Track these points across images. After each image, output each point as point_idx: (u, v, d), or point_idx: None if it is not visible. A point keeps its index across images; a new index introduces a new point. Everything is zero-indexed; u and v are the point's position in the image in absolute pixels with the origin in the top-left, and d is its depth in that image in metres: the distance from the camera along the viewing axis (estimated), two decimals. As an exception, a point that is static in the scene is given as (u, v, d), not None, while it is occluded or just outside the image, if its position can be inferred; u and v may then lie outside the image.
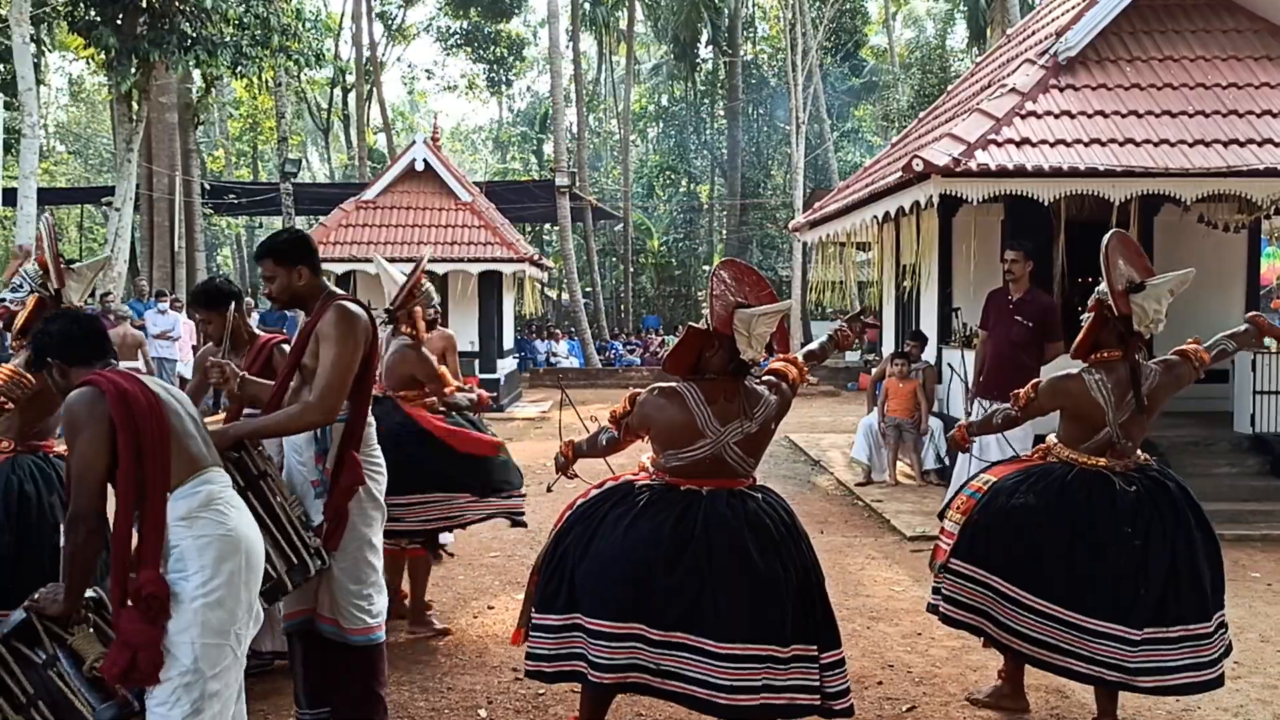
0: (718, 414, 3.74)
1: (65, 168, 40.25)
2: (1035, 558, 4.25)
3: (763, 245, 35.29)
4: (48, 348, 3.36)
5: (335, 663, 4.16)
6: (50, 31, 20.44)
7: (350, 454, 4.01)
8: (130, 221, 19.56)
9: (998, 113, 8.84)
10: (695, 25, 36.14)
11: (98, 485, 3.12)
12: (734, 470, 3.80)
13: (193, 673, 3.12)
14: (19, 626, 3.27)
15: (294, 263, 4.00)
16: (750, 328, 3.68)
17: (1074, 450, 4.42)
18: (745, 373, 3.83)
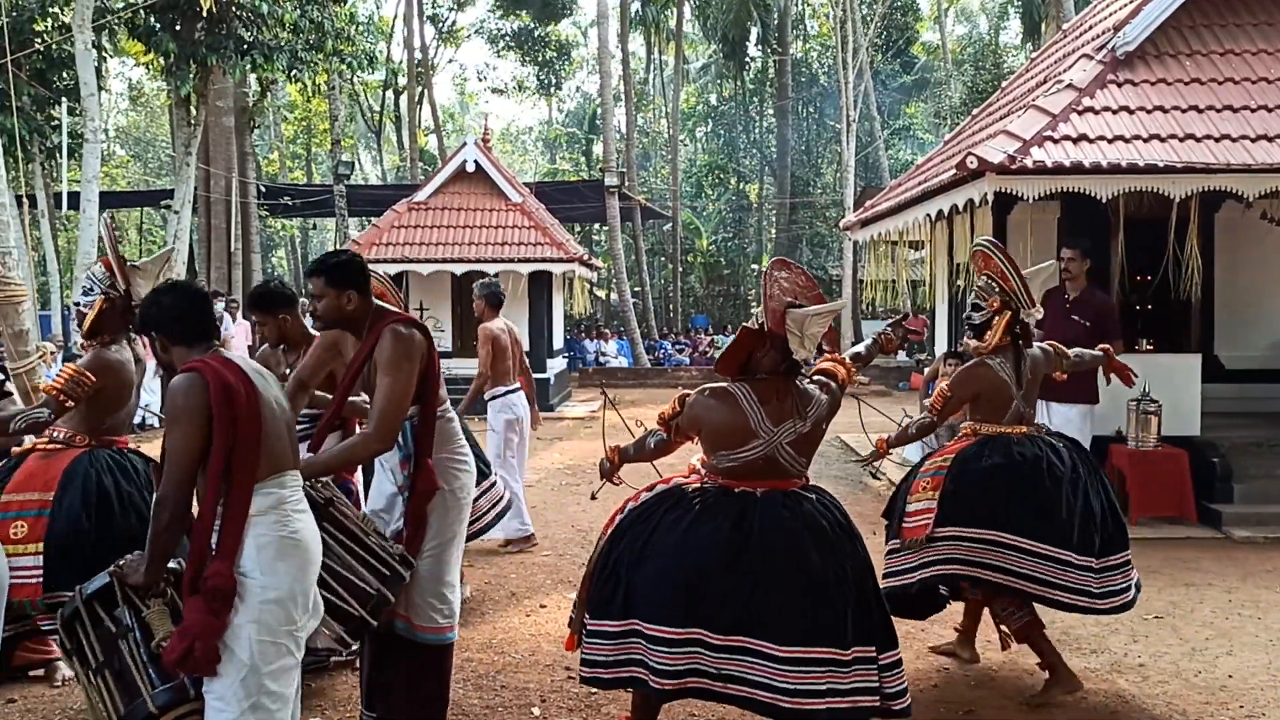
0: (770, 414, 3.74)
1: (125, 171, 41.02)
2: (1016, 505, 4.69)
3: (812, 244, 35.10)
4: (154, 320, 3.39)
5: (403, 661, 4.19)
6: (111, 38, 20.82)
7: (424, 460, 4.07)
8: (189, 224, 19.90)
9: (1054, 109, 8.71)
10: (744, 24, 36.01)
11: (189, 472, 3.15)
12: (787, 471, 3.79)
13: (250, 669, 3.16)
14: (101, 589, 3.35)
15: (343, 286, 4.02)
16: (803, 328, 3.68)
17: (996, 425, 4.95)
18: (797, 372, 3.84)
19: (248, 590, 3.16)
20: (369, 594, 3.78)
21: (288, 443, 3.37)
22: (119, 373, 4.81)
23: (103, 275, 4.90)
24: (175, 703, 3.24)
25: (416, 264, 17.93)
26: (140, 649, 3.28)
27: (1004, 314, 4.97)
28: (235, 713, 3.15)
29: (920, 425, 5.10)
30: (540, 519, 8.85)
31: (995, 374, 4.95)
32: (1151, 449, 8.33)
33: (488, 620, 6.16)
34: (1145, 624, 5.98)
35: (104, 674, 3.29)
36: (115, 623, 3.32)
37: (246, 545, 3.19)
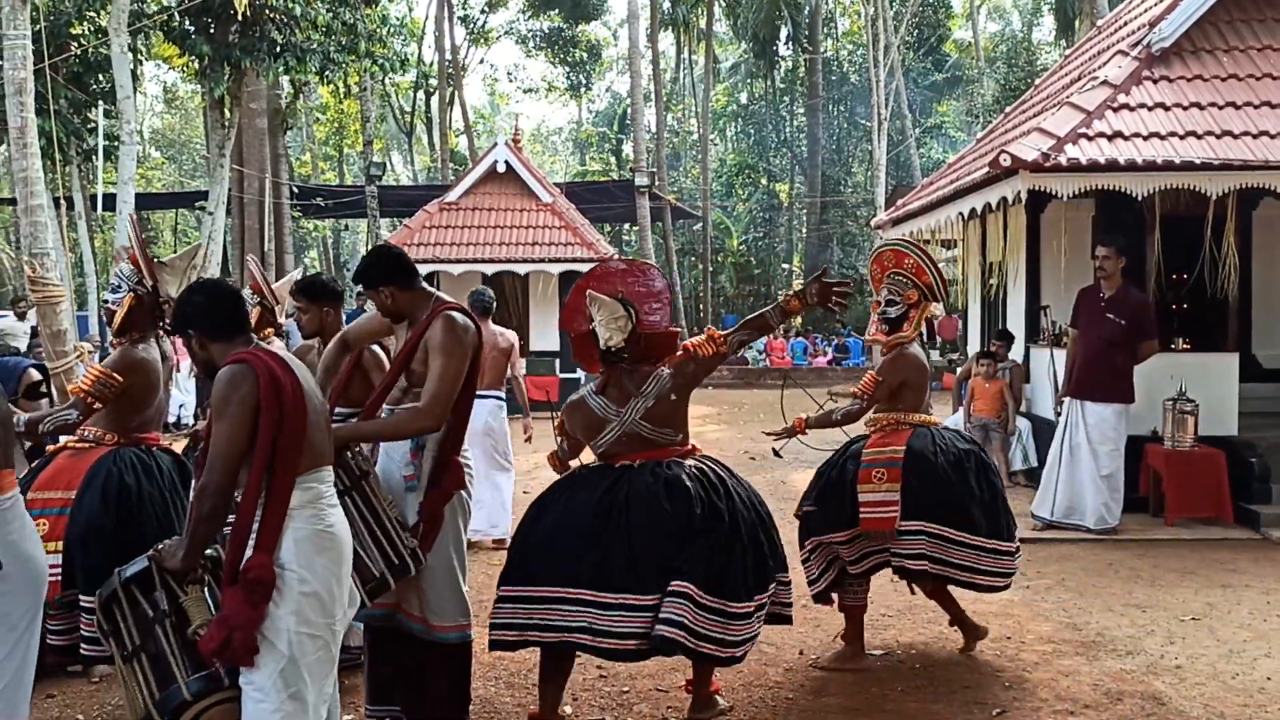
0: (613, 399, 4.27)
1: (160, 173, 41.47)
2: (965, 500, 5.00)
3: (843, 243, 34.94)
4: (189, 318, 3.39)
5: (421, 661, 4.19)
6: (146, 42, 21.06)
7: (454, 459, 4.09)
8: (223, 225, 20.09)
9: (1089, 106, 8.63)
10: (775, 23, 35.93)
11: (234, 463, 3.16)
12: (655, 441, 4.25)
13: (289, 660, 3.18)
14: (140, 573, 3.37)
15: (376, 285, 4.10)
16: (594, 321, 4.26)
17: (917, 414, 5.21)
18: (618, 360, 4.27)
19: (286, 582, 3.18)
20: (372, 575, 3.78)
21: (327, 437, 3.40)
22: (146, 371, 4.83)
23: (130, 272, 4.90)
24: (209, 690, 3.27)
25: (447, 264, 18.02)
26: (176, 635, 3.30)
27: (921, 305, 5.23)
28: (274, 704, 3.17)
29: (847, 413, 5.31)
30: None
31: (920, 360, 5.26)
32: (1188, 449, 8.23)
33: (519, 618, 6.16)
34: (1182, 625, 5.92)
35: (139, 658, 3.32)
36: (152, 607, 3.34)
37: (285, 538, 3.21)
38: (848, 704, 4.77)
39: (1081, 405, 8.11)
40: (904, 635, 5.77)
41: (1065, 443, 8.16)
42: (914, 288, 5.22)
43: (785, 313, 4.36)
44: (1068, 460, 8.13)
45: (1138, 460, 8.47)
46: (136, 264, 4.90)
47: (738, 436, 13.94)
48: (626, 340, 4.21)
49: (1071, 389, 8.19)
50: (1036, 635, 5.75)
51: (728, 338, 4.34)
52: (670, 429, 4.27)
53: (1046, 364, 9.21)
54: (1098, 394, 8.06)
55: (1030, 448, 10.06)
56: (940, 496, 4.98)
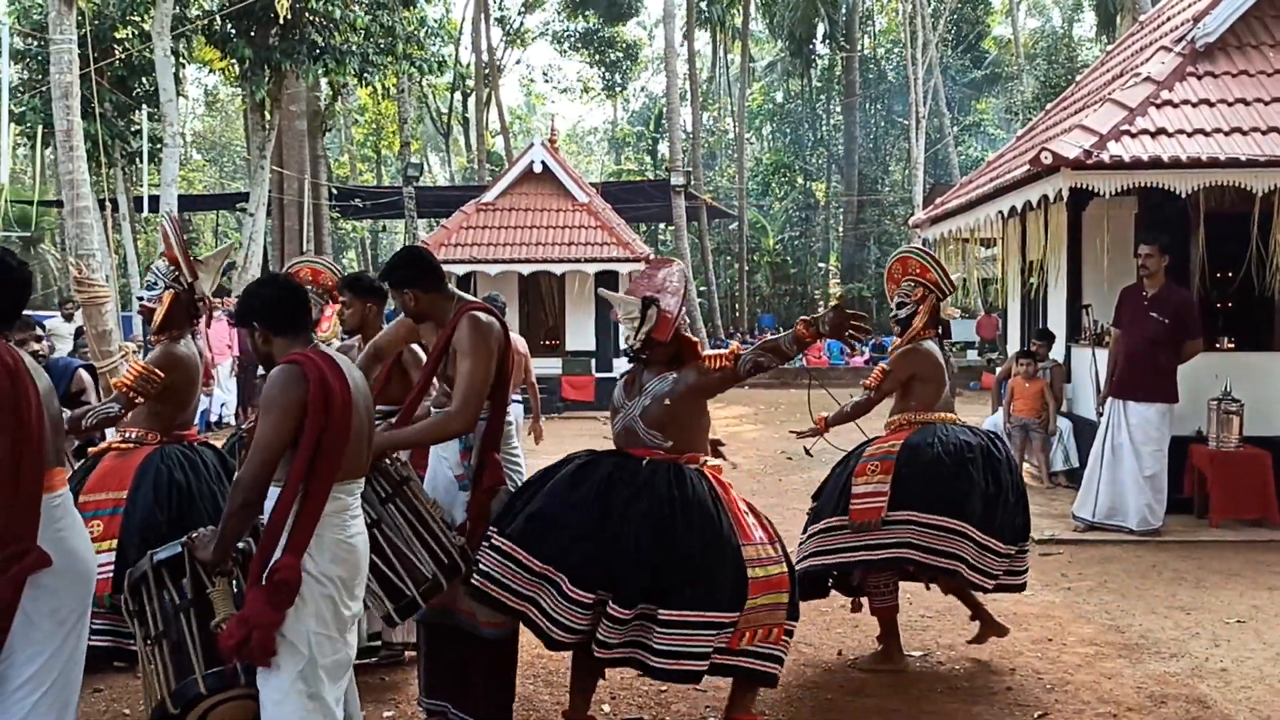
0: (627, 393, 4.29)
1: (201, 175, 41.97)
2: (964, 491, 4.93)
3: (880, 242, 34.73)
4: (254, 311, 3.40)
5: (468, 656, 4.24)
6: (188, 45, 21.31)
7: (492, 456, 4.13)
8: (263, 225, 20.29)
9: (1131, 102, 8.53)
10: (811, 21, 35.79)
11: (273, 460, 3.18)
12: (643, 441, 4.17)
13: (308, 661, 3.20)
14: (172, 558, 3.42)
15: (399, 287, 4.16)
16: (620, 319, 4.28)
17: (930, 413, 5.18)
18: (639, 358, 4.28)
19: (308, 585, 3.20)
20: (424, 577, 3.80)
21: (365, 451, 3.41)
22: (187, 367, 4.86)
23: (167, 269, 4.92)
24: (223, 687, 3.30)
25: (484, 264, 18.10)
26: (199, 626, 3.33)
27: (926, 300, 5.25)
28: (294, 705, 3.19)
29: (857, 404, 5.34)
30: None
31: (933, 356, 5.23)
32: (1233, 449, 8.12)
33: (557, 617, 6.19)
34: (1227, 628, 5.84)
35: (161, 644, 3.36)
36: (180, 594, 3.39)
37: (310, 545, 3.23)
38: (886, 705, 4.75)
39: (1124, 405, 8.02)
40: (943, 637, 5.73)
41: (1107, 443, 8.08)
42: (919, 286, 5.27)
43: (798, 342, 4.09)
44: (1110, 461, 8.04)
45: (1182, 461, 8.36)
46: (175, 261, 4.94)
47: (774, 436, 13.89)
48: (644, 340, 4.18)
49: (1114, 389, 8.10)
50: (1078, 637, 5.69)
51: (739, 357, 4.16)
52: (659, 432, 4.15)
53: (1088, 363, 9.11)
54: (1141, 394, 7.96)
55: (1071, 448, 9.96)
56: (932, 485, 4.95)
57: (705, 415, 4.30)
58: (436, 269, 4.23)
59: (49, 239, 29.66)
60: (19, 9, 19.55)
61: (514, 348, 4.52)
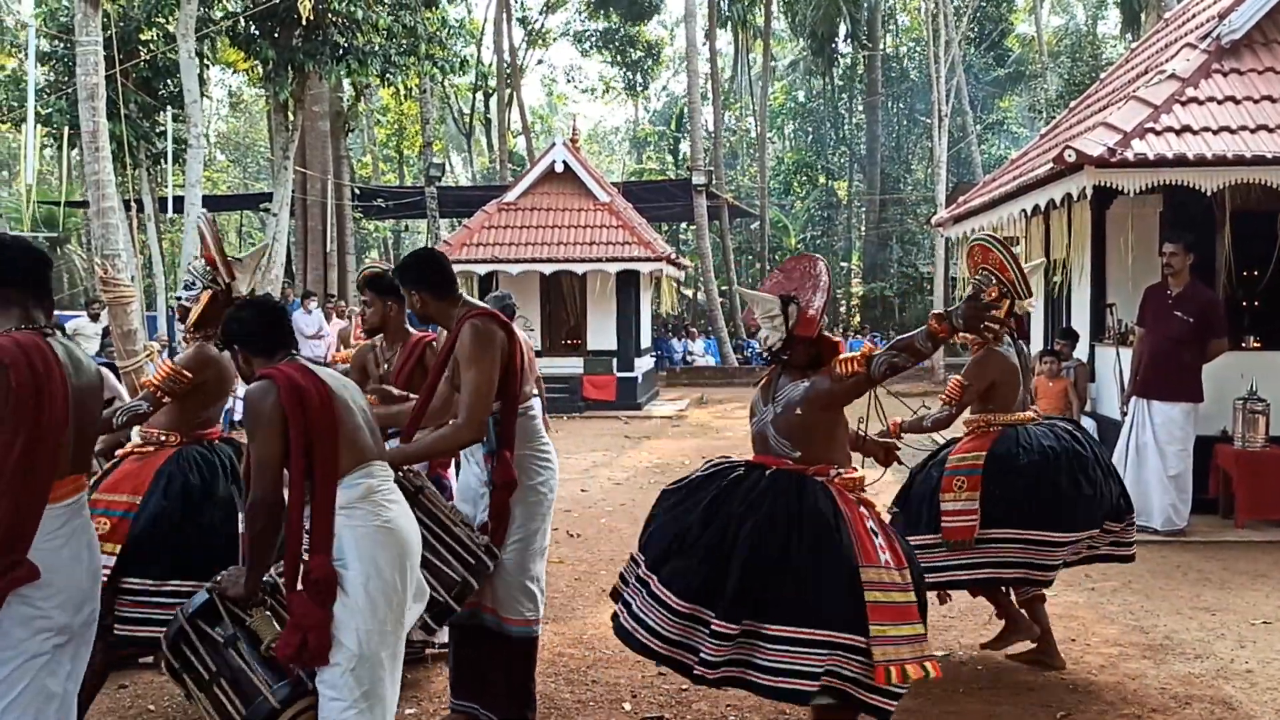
0: (763, 396, 4.01)
1: (225, 175, 42.24)
2: (1052, 501, 4.89)
3: (903, 241, 34.58)
4: (234, 335, 3.55)
5: (493, 655, 4.26)
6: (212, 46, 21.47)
7: (503, 454, 4.15)
8: (287, 226, 20.41)
9: (1156, 100, 8.47)
10: (833, 19, 35.66)
11: (275, 474, 3.27)
12: (774, 450, 3.88)
13: (359, 658, 3.24)
14: (202, 607, 3.46)
15: (409, 287, 4.23)
16: (758, 315, 3.95)
17: (1010, 414, 5.13)
18: (777, 359, 3.95)
19: (350, 581, 3.24)
20: (454, 580, 3.85)
21: (368, 435, 3.45)
22: (221, 366, 4.87)
23: (204, 270, 4.98)
24: (296, 696, 3.33)
25: (506, 264, 18.14)
26: (250, 655, 3.37)
27: (1002, 302, 4.86)
28: (349, 700, 3.24)
29: (936, 419, 5.20)
30: (630, 516, 8.91)
31: (1008, 361, 5.14)
32: (1259, 449, 8.05)
33: (579, 616, 6.21)
34: (1253, 629, 5.79)
35: (219, 682, 3.38)
36: (222, 634, 3.42)
37: (345, 537, 3.27)
38: (909, 705, 4.73)
39: (1148, 405, 7.97)
40: (965, 637, 5.71)
41: (1132, 443, 8.03)
42: (996, 284, 4.92)
43: (932, 338, 3.78)
44: (1134, 461, 7.99)
45: (1207, 461, 8.30)
46: (212, 262, 4.98)
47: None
48: (785, 340, 3.88)
49: (1138, 388, 8.05)
50: (1102, 638, 5.66)
51: (872, 359, 3.80)
52: (788, 441, 3.86)
53: (1112, 362, 9.05)
54: (1165, 393, 7.91)
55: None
56: (1026, 501, 4.88)
57: (841, 424, 3.96)
58: (448, 274, 4.26)
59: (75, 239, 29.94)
60: (46, 11, 19.74)
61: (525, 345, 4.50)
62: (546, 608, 6.23)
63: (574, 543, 8.17)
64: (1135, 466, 7.97)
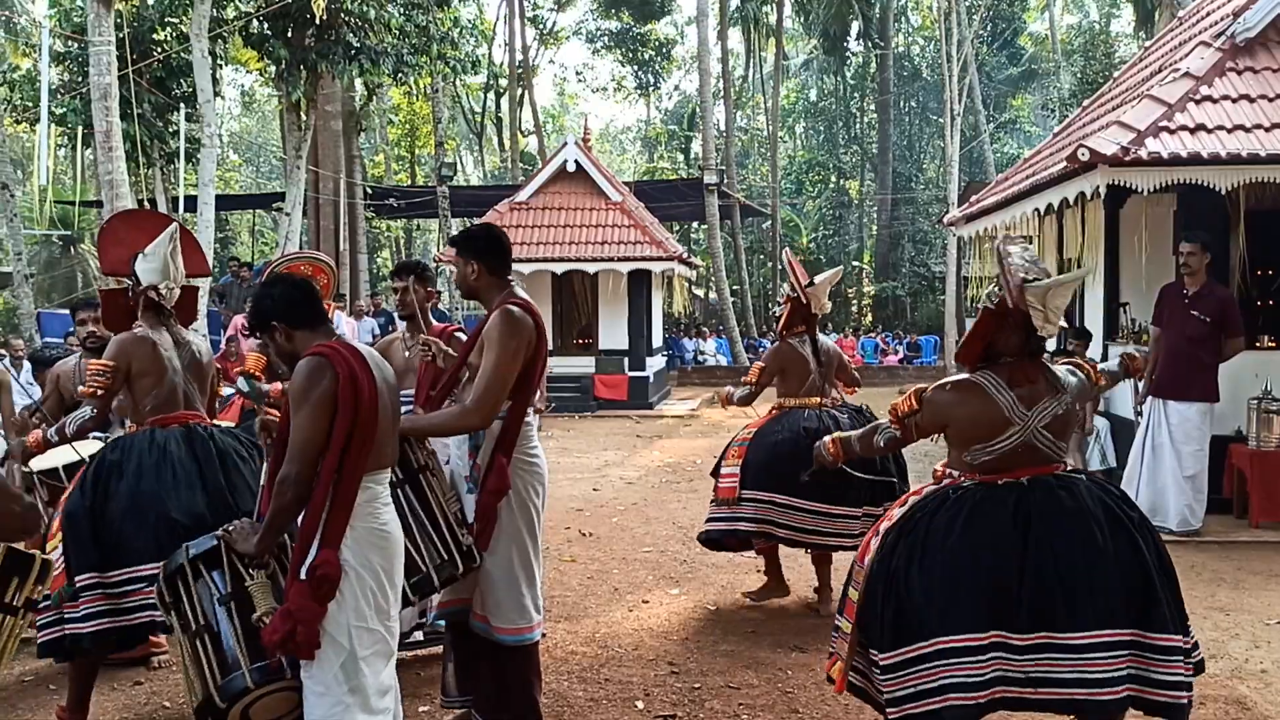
0: (1022, 398, 3.50)
1: (238, 174, 42.36)
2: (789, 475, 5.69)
3: (915, 240, 34.52)
4: (271, 311, 3.43)
5: (486, 659, 4.20)
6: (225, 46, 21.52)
7: (499, 458, 4.01)
8: (299, 225, 20.46)
9: (1170, 98, 8.43)
10: (845, 18, 35.63)
11: (314, 454, 3.20)
12: (1048, 456, 3.54)
13: (349, 655, 3.23)
14: (207, 551, 3.43)
15: (468, 256, 4.14)
16: (1045, 302, 3.44)
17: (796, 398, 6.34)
18: (1042, 352, 3.61)
19: (346, 578, 3.23)
20: (419, 568, 3.74)
21: (392, 441, 3.45)
22: (145, 348, 4.65)
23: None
24: (269, 680, 3.33)
25: (518, 263, 18.13)
26: (240, 619, 3.35)
27: (786, 304, 6.34)
28: (335, 698, 3.23)
29: (741, 396, 6.31)
30: (642, 515, 8.90)
31: (795, 351, 6.23)
32: (1274, 449, 8.01)
33: (591, 615, 6.22)
34: (1267, 629, 5.77)
35: (203, 637, 3.37)
36: (217, 587, 3.39)
37: (345, 537, 3.26)
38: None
39: (1164, 404, 7.94)
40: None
41: (1148, 443, 7.99)
42: (789, 289, 6.48)
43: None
44: (1150, 461, 7.96)
45: (1222, 461, 8.26)
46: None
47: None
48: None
49: (1154, 388, 8.02)
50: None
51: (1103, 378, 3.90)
52: (1065, 442, 3.59)
53: (1127, 362, 9.01)
54: (1181, 393, 7.87)
55: (1109, 448, 9.86)
56: (772, 469, 5.87)
57: None
58: (507, 254, 4.21)
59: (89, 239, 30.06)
60: (60, 11, 19.81)
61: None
62: (559, 606, 6.28)
63: (586, 542, 8.17)
64: (1151, 467, 7.94)
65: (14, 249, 16.72)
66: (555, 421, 16.77)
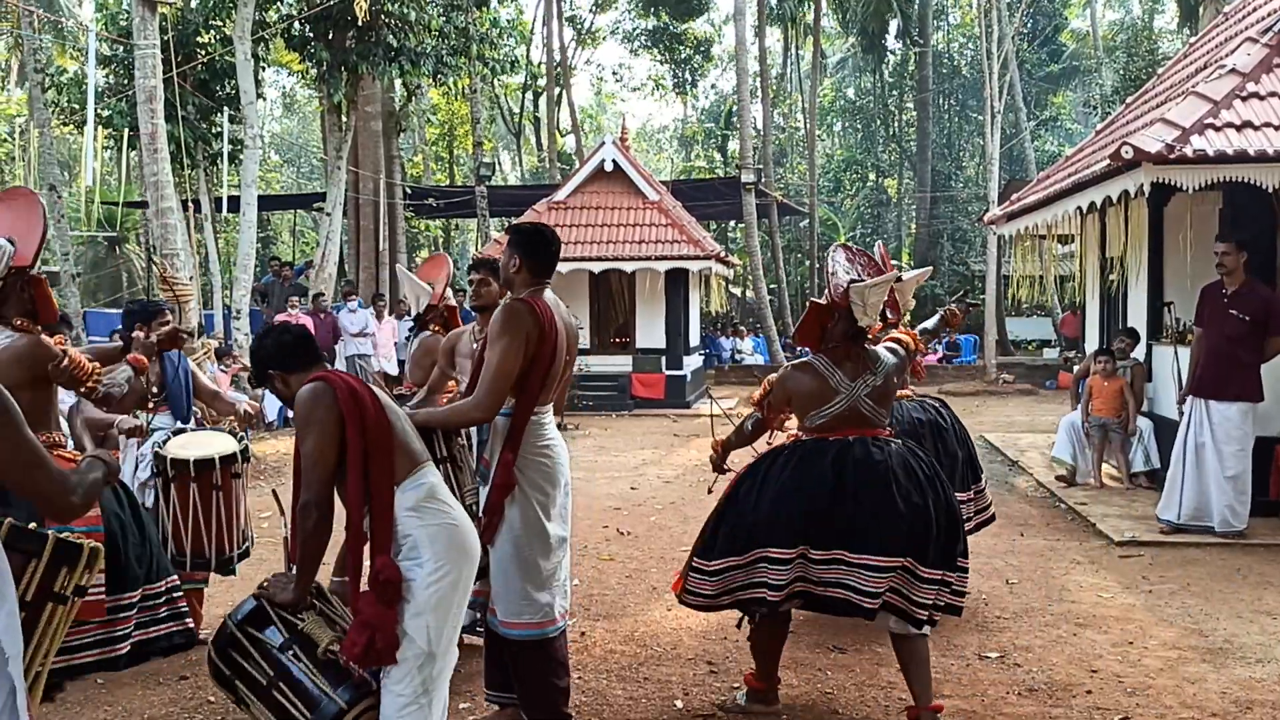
0: (847, 373, 4.44)
1: (279, 175, 42.77)
2: None
3: (953, 239, 34.21)
4: (266, 361, 3.54)
5: (505, 651, 4.26)
6: (267, 49, 21.75)
7: (505, 455, 4.05)
8: (339, 225, 20.64)
9: (1215, 95, 8.32)
10: (884, 16, 35.35)
11: (328, 475, 3.30)
12: (871, 421, 4.43)
13: (426, 655, 3.30)
14: (250, 612, 3.49)
15: (512, 247, 4.22)
16: (865, 298, 4.38)
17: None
18: (863, 338, 4.51)
19: (422, 578, 3.28)
20: None
21: (417, 439, 3.51)
22: None
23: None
24: (360, 697, 3.36)
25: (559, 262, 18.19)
26: (306, 659, 3.39)
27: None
28: (410, 696, 3.29)
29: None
30: (679, 514, 8.92)
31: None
32: (1322, 451, 7.88)
33: (630, 614, 6.24)
34: (1316, 635, 5.68)
35: (279, 686, 3.39)
36: (274, 641, 3.43)
37: (418, 536, 3.31)
38: (964, 707, 4.71)
39: (1206, 404, 7.84)
40: (1020, 639, 5.66)
41: (1189, 443, 7.90)
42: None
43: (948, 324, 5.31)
44: (1192, 461, 7.86)
45: (1268, 463, 8.14)
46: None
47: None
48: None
49: (1195, 387, 7.92)
50: (1160, 641, 5.59)
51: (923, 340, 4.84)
52: (885, 410, 4.51)
53: (1169, 362, 8.91)
54: (1223, 392, 7.78)
55: (1152, 448, 9.75)
56: None
57: None
58: (548, 257, 4.25)
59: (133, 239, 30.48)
60: (106, 15, 20.09)
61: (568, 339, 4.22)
62: (598, 604, 6.30)
63: (624, 540, 8.19)
64: (1194, 466, 7.84)
65: (61, 249, 16.98)
66: (592, 420, 16.81)
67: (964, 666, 5.24)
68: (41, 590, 2.85)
